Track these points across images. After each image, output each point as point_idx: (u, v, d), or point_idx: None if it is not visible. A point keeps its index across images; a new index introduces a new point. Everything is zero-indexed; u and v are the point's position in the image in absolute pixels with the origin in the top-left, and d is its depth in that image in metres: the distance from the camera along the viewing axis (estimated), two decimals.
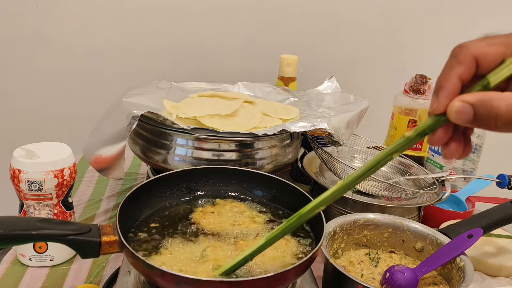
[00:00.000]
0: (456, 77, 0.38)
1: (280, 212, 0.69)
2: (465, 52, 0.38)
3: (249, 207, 0.69)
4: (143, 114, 0.73)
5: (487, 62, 0.38)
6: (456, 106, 0.37)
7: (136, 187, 0.63)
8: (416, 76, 1.11)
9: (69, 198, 0.74)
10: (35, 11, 1.25)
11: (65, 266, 0.74)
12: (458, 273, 0.64)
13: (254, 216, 0.67)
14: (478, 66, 0.38)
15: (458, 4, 1.38)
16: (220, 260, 0.56)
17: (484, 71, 0.38)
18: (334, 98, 1.00)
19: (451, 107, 0.37)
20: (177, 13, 1.30)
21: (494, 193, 0.99)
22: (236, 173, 0.71)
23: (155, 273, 0.49)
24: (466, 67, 0.38)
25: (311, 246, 0.61)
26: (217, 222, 0.65)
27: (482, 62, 0.38)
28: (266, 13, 1.33)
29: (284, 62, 1.08)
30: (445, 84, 0.38)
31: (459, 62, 0.38)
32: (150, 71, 1.34)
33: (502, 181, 0.92)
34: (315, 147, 0.90)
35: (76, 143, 0.80)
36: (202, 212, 0.67)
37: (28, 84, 1.33)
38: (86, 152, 0.83)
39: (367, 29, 1.39)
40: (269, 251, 0.59)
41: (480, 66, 0.38)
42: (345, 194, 0.81)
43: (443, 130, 0.40)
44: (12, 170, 0.68)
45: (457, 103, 0.37)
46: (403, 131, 1.13)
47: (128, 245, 0.52)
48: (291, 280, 0.54)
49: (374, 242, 0.74)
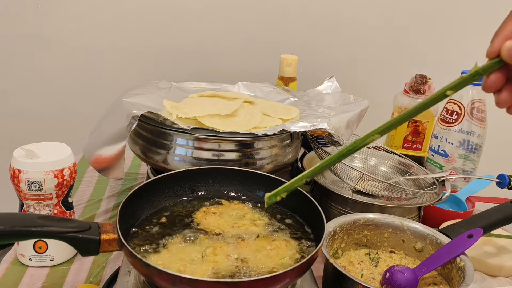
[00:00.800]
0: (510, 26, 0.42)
1: (279, 213, 0.69)
2: None
3: (252, 209, 0.69)
4: (143, 114, 0.73)
5: None
6: (508, 44, 0.41)
7: (137, 187, 0.63)
8: (416, 76, 1.11)
9: (69, 198, 0.74)
10: (35, 11, 1.25)
11: (65, 266, 0.73)
12: (458, 273, 0.64)
13: (256, 219, 0.67)
14: None
15: (458, 4, 1.38)
16: (220, 262, 0.56)
17: None
18: (334, 98, 1.00)
19: (504, 45, 0.41)
20: (177, 13, 1.30)
21: (494, 193, 0.99)
22: (237, 173, 0.71)
23: (152, 272, 0.49)
24: None
25: (311, 247, 0.61)
26: (219, 222, 0.65)
27: None
28: (266, 13, 1.33)
29: (284, 62, 1.08)
30: (500, 32, 0.43)
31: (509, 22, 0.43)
32: (150, 71, 1.34)
33: (502, 181, 0.92)
34: (315, 147, 0.90)
35: (76, 143, 0.80)
36: (204, 212, 0.67)
37: (28, 84, 1.33)
38: (86, 152, 0.83)
39: (367, 29, 1.39)
40: (269, 251, 0.59)
41: None
42: (345, 194, 0.82)
43: (497, 74, 0.43)
44: (12, 170, 0.68)
45: (509, 42, 0.41)
46: (403, 131, 1.13)
47: (127, 243, 0.52)
48: (291, 281, 0.54)
49: (374, 242, 0.74)
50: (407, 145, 1.14)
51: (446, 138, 1.07)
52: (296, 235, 0.64)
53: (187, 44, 1.33)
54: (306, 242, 0.62)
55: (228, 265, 0.56)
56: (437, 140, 1.09)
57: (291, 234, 0.64)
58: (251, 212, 0.68)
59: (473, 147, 1.05)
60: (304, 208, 0.65)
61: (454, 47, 1.41)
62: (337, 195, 0.83)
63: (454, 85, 0.45)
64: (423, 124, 1.12)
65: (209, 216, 0.65)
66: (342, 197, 0.82)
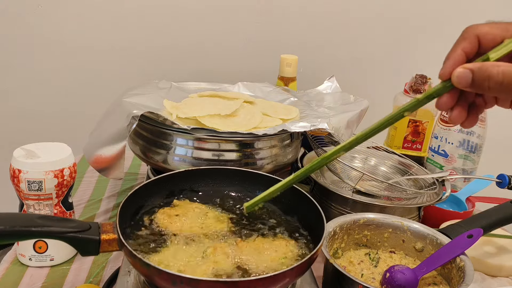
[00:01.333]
0: (460, 50, 0.47)
1: (280, 213, 0.69)
2: (469, 30, 0.47)
3: None
4: (143, 114, 0.73)
5: (488, 40, 0.46)
6: (458, 71, 0.45)
7: (137, 187, 0.63)
8: (416, 76, 1.11)
9: (69, 198, 0.74)
10: (35, 11, 1.25)
11: (65, 266, 0.74)
12: (458, 273, 0.64)
13: None
14: (480, 44, 0.47)
15: (458, 3, 1.38)
16: (221, 263, 0.56)
17: (485, 49, 0.46)
18: (334, 98, 1.00)
19: (454, 72, 0.45)
20: (177, 13, 1.30)
21: (494, 193, 0.99)
22: (237, 173, 0.71)
23: (152, 271, 0.49)
24: (469, 42, 0.47)
25: (310, 247, 0.61)
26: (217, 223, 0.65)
27: (483, 40, 0.46)
28: (266, 13, 1.33)
29: (284, 62, 1.08)
30: (451, 55, 0.47)
31: (464, 39, 0.47)
32: (150, 71, 1.34)
33: (502, 181, 0.92)
34: (315, 147, 0.90)
35: (76, 143, 0.80)
36: None
37: (28, 84, 1.33)
38: (86, 152, 0.83)
39: (367, 29, 1.39)
40: (269, 251, 0.59)
41: (482, 44, 0.47)
42: (345, 194, 0.82)
43: (449, 96, 0.47)
44: (12, 170, 0.68)
45: (459, 69, 0.45)
46: (403, 131, 1.13)
47: (126, 243, 0.52)
48: (291, 280, 0.54)
49: (374, 242, 0.74)
50: (407, 145, 1.14)
51: (446, 138, 1.07)
52: (296, 235, 0.64)
53: (187, 44, 1.33)
54: (306, 242, 0.62)
55: (228, 265, 0.56)
56: (437, 140, 1.09)
57: (291, 234, 0.64)
58: None
59: (473, 147, 1.05)
60: (304, 208, 0.65)
61: None
62: (337, 195, 0.83)
63: (410, 107, 0.49)
64: (423, 124, 1.12)
65: None
66: (342, 197, 0.82)
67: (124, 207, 0.58)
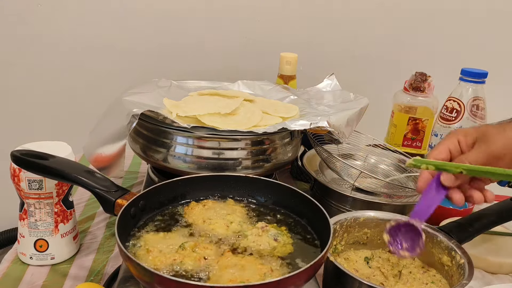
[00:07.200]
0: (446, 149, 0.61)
1: (279, 215, 0.69)
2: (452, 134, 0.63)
3: (247, 209, 0.69)
4: (143, 112, 0.73)
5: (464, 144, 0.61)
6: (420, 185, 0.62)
7: (137, 195, 0.63)
8: (416, 73, 1.11)
9: (70, 197, 0.74)
10: (35, 11, 1.25)
11: (66, 265, 0.74)
12: (458, 270, 0.64)
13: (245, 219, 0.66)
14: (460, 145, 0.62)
15: (458, 2, 1.38)
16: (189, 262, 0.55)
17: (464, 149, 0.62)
18: (334, 96, 1.00)
19: None
20: (177, 12, 1.30)
21: (494, 191, 0.98)
22: (238, 179, 0.71)
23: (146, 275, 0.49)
24: (452, 143, 0.62)
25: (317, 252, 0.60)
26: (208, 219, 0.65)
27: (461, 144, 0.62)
28: (265, 12, 1.33)
29: (283, 60, 1.08)
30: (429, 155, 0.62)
31: (448, 138, 0.62)
32: (150, 69, 1.34)
33: None
34: (315, 145, 0.90)
35: (76, 142, 0.80)
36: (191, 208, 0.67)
37: (28, 84, 1.33)
38: (86, 151, 0.83)
39: (367, 27, 1.39)
40: (249, 271, 0.57)
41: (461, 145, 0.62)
42: (344, 192, 0.82)
43: None
44: (12, 169, 0.68)
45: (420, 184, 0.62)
46: (403, 129, 1.13)
47: (123, 246, 0.52)
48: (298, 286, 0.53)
49: (374, 240, 0.74)
50: (407, 143, 1.14)
51: None
52: (298, 235, 0.63)
53: (187, 42, 1.33)
54: (311, 246, 0.62)
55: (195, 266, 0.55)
56: (437, 137, 1.09)
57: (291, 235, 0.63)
58: (242, 212, 0.68)
59: None
60: (309, 212, 0.65)
61: (454, 45, 1.40)
62: (337, 192, 0.83)
63: None
64: (423, 122, 1.12)
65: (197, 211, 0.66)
66: (342, 194, 0.82)
67: (123, 216, 0.59)
